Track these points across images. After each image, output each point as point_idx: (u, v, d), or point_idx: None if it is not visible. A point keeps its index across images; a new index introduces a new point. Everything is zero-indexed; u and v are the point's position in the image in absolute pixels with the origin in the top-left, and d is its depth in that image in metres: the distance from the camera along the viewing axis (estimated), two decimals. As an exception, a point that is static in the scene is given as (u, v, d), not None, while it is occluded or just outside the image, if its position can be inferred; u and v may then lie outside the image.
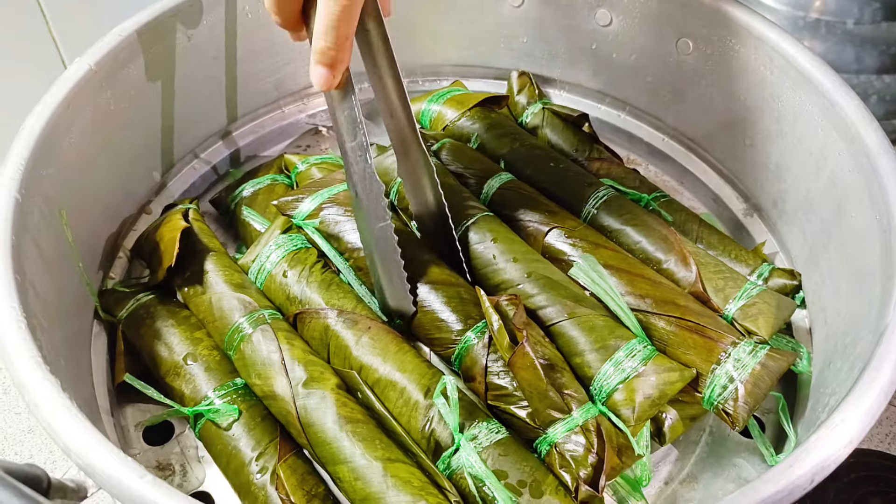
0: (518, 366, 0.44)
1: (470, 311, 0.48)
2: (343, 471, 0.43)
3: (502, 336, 0.45)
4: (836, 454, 0.35)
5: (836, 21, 0.75)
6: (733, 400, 0.45)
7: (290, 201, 0.54)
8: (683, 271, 0.52)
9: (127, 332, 0.51)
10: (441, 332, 0.49)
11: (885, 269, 0.43)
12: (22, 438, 0.62)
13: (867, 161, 0.47)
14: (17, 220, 0.43)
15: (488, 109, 0.66)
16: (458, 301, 0.49)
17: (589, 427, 0.43)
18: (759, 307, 0.50)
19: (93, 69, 0.50)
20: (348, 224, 0.52)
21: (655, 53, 0.62)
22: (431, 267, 0.50)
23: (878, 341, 0.39)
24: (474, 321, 0.48)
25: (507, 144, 0.62)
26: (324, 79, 0.43)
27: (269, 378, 0.46)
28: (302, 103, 0.69)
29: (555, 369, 0.45)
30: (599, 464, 0.42)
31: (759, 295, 0.51)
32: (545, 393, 0.43)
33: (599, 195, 0.57)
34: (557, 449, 0.43)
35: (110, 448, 0.34)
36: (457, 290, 0.50)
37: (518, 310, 0.46)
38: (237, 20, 0.60)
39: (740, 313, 0.50)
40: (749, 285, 0.51)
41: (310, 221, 0.53)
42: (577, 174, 0.59)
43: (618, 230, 0.55)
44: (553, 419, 0.44)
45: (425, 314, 0.49)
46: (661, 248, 0.54)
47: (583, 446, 0.43)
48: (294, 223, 0.54)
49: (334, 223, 0.52)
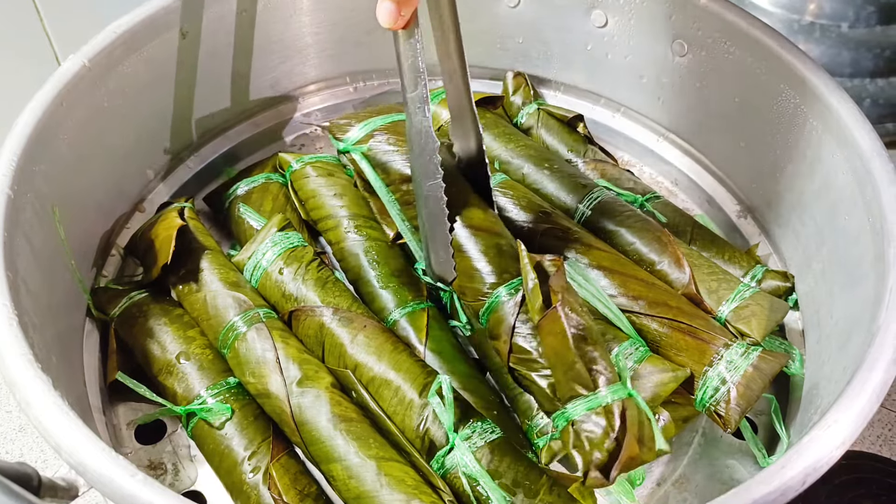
0: (546, 331, 0.41)
1: (507, 265, 0.46)
2: (336, 469, 0.43)
3: (536, 296, 0.42)
4: (829, 455, 0.35)
5: (830, 24, 0.76)
6: (725, 402, 0.45)
7: (341, 124, 0.52)
8: (677, 273, 0.52)
9: (119, 330, 0.50)
10: (474, 281, 0.46)
11: (878, 271, 0.43)
12: (13, 437, 0.61)
13: (861, 164, 0.47)
14: (8, 216, 0.42)
15: (483, 109, 0.66)
16: (496, 252, 0.47)
17: (612, 410, 0.39)
18: (752, 309, 0.50)
19: (87, 66, 0.50)
20: (396, 155, 0.50)
21: (650, 55, 0.62)
22: (474, 210, 0.48)
23: (871, 343, 0.39)
24: (510, 276, 0.46)
25: (501, 145, 0.62)
26: (390, 15, 0.41)
27: (263, 376, 0.46)
28: (297, 102, 0.68)
29: (587, 341, 0.41)
30: (616, 450, 0.38)
31: (752, 297, 0.51)
32: (571, 364, 0.40)
33: (593, 196, 0.57)
34: (574, 427, 0.39)
35: (102, 447, 0.34)
36: (497, 240, 0.47)
37: (559, 272, 0.42)
38: (233, 18, 0.60)
39: (733, 315, 0.50)
40: (742, 287, 0.51)
41: (358, 147, 0.51)
42: (570, 175, 0.59)
43: (612, 231, 0.55)
44: (575, 394, 0.40)
45: (462, 259, 0.47)
46: (655, 249, 0.54)
47: (602, 428, 0.39)
48: (341, 149, 0.51)
49: (383, 152, 0.51)
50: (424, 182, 0.47)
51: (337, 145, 0.54)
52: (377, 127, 0.52)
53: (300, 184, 0.58)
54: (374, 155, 0.51)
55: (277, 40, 0.64)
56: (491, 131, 0.63)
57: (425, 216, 0.48)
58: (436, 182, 0.46)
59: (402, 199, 0.50)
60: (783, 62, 0.53)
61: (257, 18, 0.61)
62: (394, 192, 0.50)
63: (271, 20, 0.62)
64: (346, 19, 0.65)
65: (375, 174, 0.51)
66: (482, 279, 0.46)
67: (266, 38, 0.63)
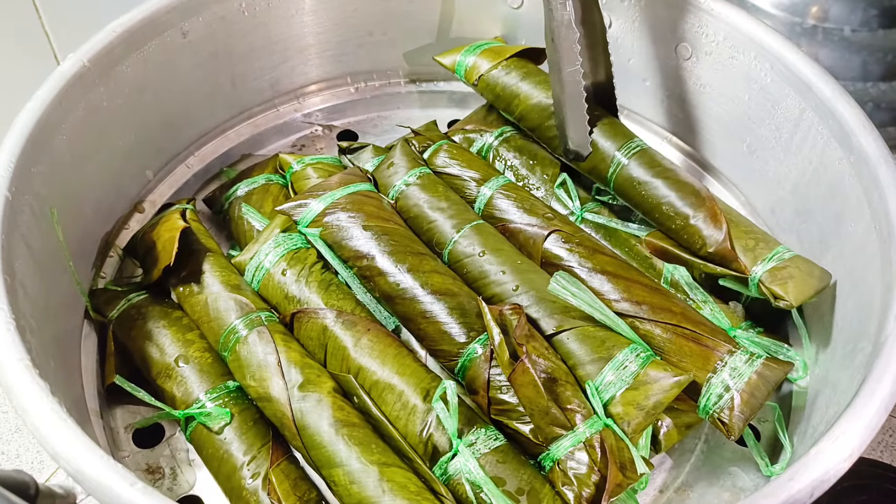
0: (518, 383, 0.43)
1: (472, 322, 0.48)
2: (338, 475, 0.43)
3: (503, 351, 0.44)
4: (836, 468, 0.35)
5: (833, 28, 0.75)
6: (729, 409, 0.45)
7: (294, 206, 0.53)
8: (711, 229, 0.51)
9: (118, 332, 0.50)
10: (444, 343, 0.48)
11: (885, 279, 0.43)
12: (9, 438, 0.61)
13: (867, 170, 0.47)
14: (7, 218, 0.42)
15: (525, 60, 0.64)
16: (460, 312, 0.48)
17: (593, 443, 0.42)
18: (790, 271, 0.49)
19: (86, 65, 0.50)
20: (353, 230, 0.52)
21: (654, 58, 0.62)
22: (434, 275, 0.50)
23: (878, 353, 0.39)
24: (477, 333, 0.47)
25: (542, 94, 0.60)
26: None
27: (264, 380, 0.46)
28: (298, 102, 0.68)
29: (557, 383, 0.44)
30: (602, 481, 0.41)
31: (791, 259, 0.49)
32: (546, 410, 0.43)
33: (632, 145, 0.56)
34: (560, 466, 0.42)
35: (100, 454, 0.34)
36: (459, 299, 0.49)
37: (520, 321, 0.45)
38: (233, 18, 0.59)
39: (768, 276, 0.49)
40: (781, 248, 0.50)
41: (314, 225, 0.52)
42: (611, 122, 0.58)
43: (646, 182, 0.54)
44: (556, 435, 0.43)
45: (430, 324, 0.48)
46: (691, 203, 0.53)
47: (586, 464, 0.42)
48: (298, 228, 0.53)
49: (338, 229, 0.52)
50: (566, 69, 0.54)
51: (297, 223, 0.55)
52: (335, 200, 0.52)
53: (301, 185, 0.58)
54: (330, 232, 0.52)
55: (278, 40, 0.63)
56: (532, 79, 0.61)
57: (565, 98, 0.55)
58: (575, 69, 0.54)
59: (360, 274, 0.51)
60: (788, 66, 0.53)
61: (258, 18, 0.61)
62: (351, 266, 0.51)
63: (273, 20, 0.62)
64: (348, 19, 0.65)
65: (332, 253, 0.52)
66: (452, 340, 0.47)
67: (267, 37, 0.62)
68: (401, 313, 0.50)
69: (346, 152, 0.62)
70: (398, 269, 0.50)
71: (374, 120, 0.70)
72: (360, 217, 0.52)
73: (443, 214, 0.54)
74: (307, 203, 0.53)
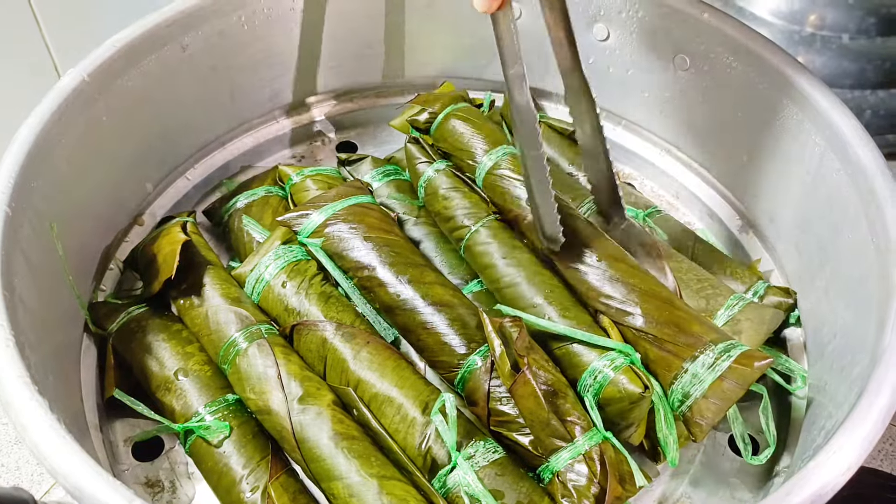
0: (519, 394, 0.43)
1: (473, 334, 0.48)
2: (337, 488, 0.43)
3: (504, 362, 0.44)
4: (835, 481, 0.35)
5: (831, 36, 0.76)
6: (690, 414, 0.44)
7: (294, 217, 0.54)
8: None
9: (117, 345, 0.50)
10: (444, 354, 0.48)
11: (883, 290, 0.43)
12: (8, 450, 0.61)
13: (864, 181, 0.47)
14: (7, 234, 0.42)
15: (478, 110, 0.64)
16: (460, 324, 0.49)
17: (592, 455, 0.43)
18: (742, 325, 0.50)
19: (86, 80, 0.50)
20: (354, 241, 0.52)
21: (652, 68, 0.62)
22: (435, 287, 0.50)
23: (877, 364, 0.39)
24: (477, 344, 0.48)
25: None
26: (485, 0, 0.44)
27: (264, 393, 0.46)
28: (297, 114, 0.68)
29: (558, 395, 0.44)
30: (602, 494, 0.42)
31: (742, 311, 0.50)
32: (547, 422, 0.43)
33: (584, 206, 0.57)
34: (560, 478, 0.43)
35: (99, 472, 0.34)
36: (459, 311, 0.49)
37: (521, 334, 0.45)
38: (233, 32, 0.59)
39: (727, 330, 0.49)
40: (732, 300, 0.51)
41: (315, 236, 0.52)
42: (570, 187, 0.59)
43: None
44: (556, 447, 0.43)
45: (430, 335, 0.49)
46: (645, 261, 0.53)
47: (585, 476, 0.42)
48: (299, 239, 0.53)
49: (339, 240, 0.52)
50: (528, 152, 0.49)
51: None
52: (336, 211, 0.52)
53: (300, 197, 0.58)
54: (331, 243, 0.52)
55: (278, 53, 0.63)
56: None
57: (533, 184, 0.50)
58: (538, 153, 0.48)
59: (360, 284, 0.51)
60: (785, 77, 0.53)
61: (258, 32, 0.61)
62: (351, 277, 0.52)
63: (272, 33, 0.62)
64: (348, 32, 0.65)
65: (332, 263, 0.52)
66: (453, 351, 0.48)
67: (266, 50, 0.62)
68: (401, 324, 0.50)
69: (346, 164, 0.63)
70: (399, 280, 0.50)
71: (373, 132, 0.70)
72: (361, 228, 0.52)
73: None
74: (308, 214, 0.53)
